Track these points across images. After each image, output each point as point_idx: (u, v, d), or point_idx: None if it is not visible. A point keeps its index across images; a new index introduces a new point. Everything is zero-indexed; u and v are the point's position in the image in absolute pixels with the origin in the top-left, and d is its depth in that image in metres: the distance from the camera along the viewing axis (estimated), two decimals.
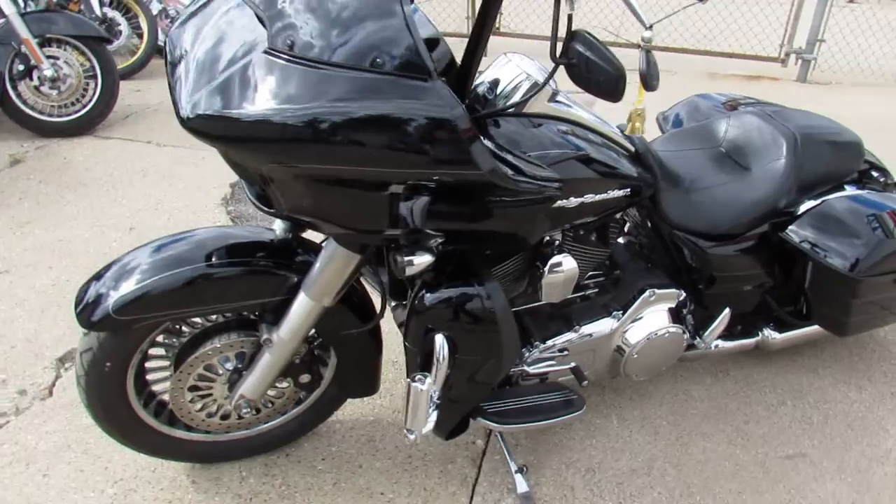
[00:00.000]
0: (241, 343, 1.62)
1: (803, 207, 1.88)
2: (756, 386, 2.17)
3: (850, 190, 1.96)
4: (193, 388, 1.64)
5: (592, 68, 1.13)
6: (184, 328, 1.62)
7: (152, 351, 1.60)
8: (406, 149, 1.09)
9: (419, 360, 1.46)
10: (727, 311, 1.89)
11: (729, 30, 5.67)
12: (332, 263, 1.46)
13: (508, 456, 1.83)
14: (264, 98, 1.08)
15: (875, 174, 2.01)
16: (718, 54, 5.62)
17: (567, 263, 1.56)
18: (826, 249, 1.79)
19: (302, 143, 1.08)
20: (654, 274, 1.87)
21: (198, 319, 1.61)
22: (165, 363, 1.66)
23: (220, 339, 1.61)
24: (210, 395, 1.68)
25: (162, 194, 3.30)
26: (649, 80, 1.23)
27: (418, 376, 1.39)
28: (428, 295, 1.41)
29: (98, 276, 1.51)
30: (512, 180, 1.22)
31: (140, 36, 5.29)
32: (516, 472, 1.81)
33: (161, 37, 5.28)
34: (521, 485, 1.79)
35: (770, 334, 2.06)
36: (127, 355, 1.54)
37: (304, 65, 1.08)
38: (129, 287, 1.44)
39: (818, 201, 1.87)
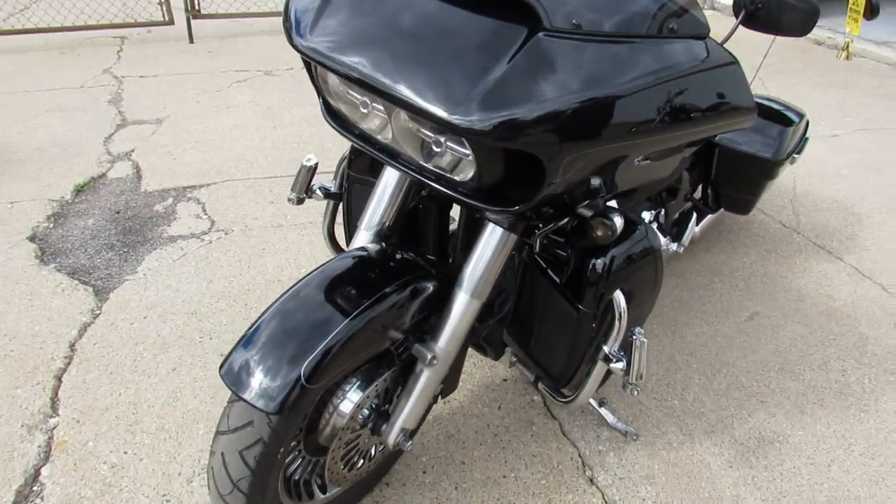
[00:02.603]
0: (387, 378, 1.44)
1: None
2: (685, 276, 2.59)
3: None
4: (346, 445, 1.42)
5: (784, 9, 1.26)
6: None
7: None
8: (712, 107, 1.13)
9: (595, 324, 1.47)
10: (695, 214, 2.23)
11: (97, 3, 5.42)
12: (495, 252, 1.38)
13: None
14: (572, 84, 0.98)
15: None
16: (107, 26, 5.24)
17: None
18: (753, 145, 2.22)
19: (616, 123, 1.03)
20: (630, 201, 2.10)
21: None
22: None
23: (362, 383, 1.40)
24: (357, 445, 1.46)
25: None
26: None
27: (638, 330, 1.42)
28: (598, 260, 1.41)
29: (251, 354, 1.18)
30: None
31: None
32: (599, 406, 1.92)
33: None
34: (609, 416, 1.92)
35: (692, 228, 2.47)
36: (294, 434, 1.26)
37: (600, 41, 1.03)
38: (309, 350, 1.17)
39: None
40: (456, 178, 1.18)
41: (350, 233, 1.83)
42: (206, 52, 5.11)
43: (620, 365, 1.47)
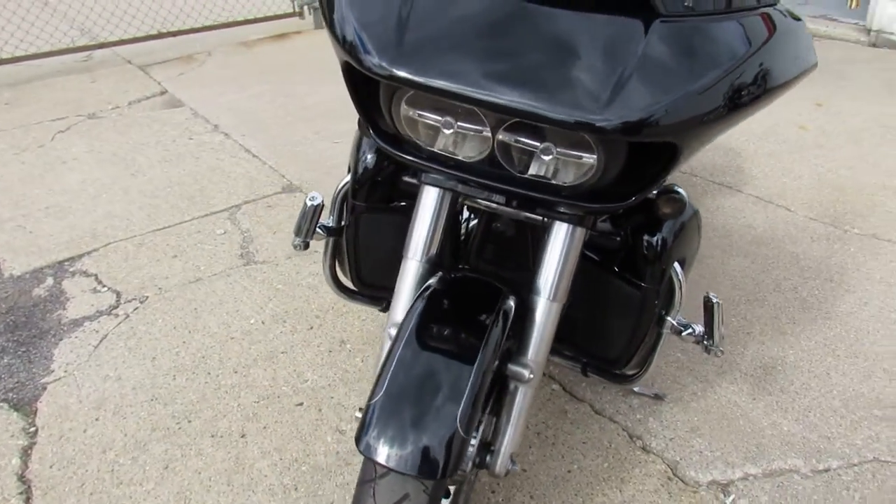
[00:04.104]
0: (489, 409, 1.34)
1: None
2: None
3: None
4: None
5: None
6: None
7: None
8: (794, 68, 1.17)
9: (658, 299, 1.48)
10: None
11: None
12: (565, 250, 1.32)
13: None
14: (706, 65, 1.01)
15: None
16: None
17: None
18: None
19: (745, 98, 1.06)
20: None
21: None
22: None
23: None
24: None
25: None
26: None
27: (711, 293, 1.45)
28: (654, 238, 1.41)
29: (389, 426, 1.05)
30: None
31: None
32: None
33: None
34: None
35: None
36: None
37: (711, 20, 1.05)
38: (452, 405, 1.07)
39: None
40: (561, 183, 1.13)
41: (358, 267, 1.68)
42: (3, 105, 4.42)
43: (690, 332, 1.50)
